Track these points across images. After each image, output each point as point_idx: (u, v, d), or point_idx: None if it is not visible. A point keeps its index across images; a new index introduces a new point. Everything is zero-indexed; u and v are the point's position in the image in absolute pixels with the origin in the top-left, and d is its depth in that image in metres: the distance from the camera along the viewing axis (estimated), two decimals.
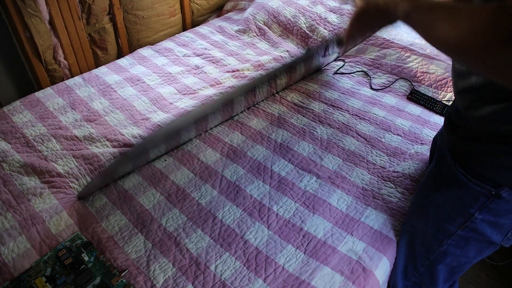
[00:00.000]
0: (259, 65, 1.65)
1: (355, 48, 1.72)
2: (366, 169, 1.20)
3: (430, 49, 1.57)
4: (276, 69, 1.14)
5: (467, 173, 0.76)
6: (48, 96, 1.44)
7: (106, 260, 0.92)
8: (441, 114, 1.43)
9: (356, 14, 0.73)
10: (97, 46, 1.71)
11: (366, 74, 1.62)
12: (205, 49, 1.78)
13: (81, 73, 1.63)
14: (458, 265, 0.93)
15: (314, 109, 1.43)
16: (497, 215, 0.76)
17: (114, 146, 1.24)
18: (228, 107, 1.25)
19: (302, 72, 1.46)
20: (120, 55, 1.81)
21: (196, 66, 1.65)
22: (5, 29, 1.42)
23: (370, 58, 1.66)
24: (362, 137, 1.31)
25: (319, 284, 0.89)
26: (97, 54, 1.73)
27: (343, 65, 1.67)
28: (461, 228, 0.82)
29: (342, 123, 1.37)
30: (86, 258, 0.91)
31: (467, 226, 0.81)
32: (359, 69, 1.64)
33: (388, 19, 0.69)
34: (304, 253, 0.97)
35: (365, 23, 0.73)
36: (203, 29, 1.94)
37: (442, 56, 1.53)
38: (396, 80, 1.57)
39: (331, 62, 1.64)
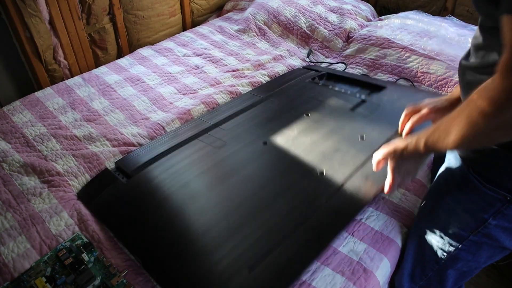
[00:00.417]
0: (259, 64, 1.65)
1: (356, 48, 1.72)
2: None
3: (430, 49, 1.57)
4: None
5: (481, 178, 0.75)
6: (48, 96, 1.44)
7: (106, 260, 0.91)
8: None
9: (393, 168, 0.77)
10: (97, 46, 1.71)
11: (366, 75, 1.62)
12: (205, 49, 1.77)
13: (81, 73, 1.63)
14: (468, 270, 0.91)
15: None
16: None
17: (113, 146, 1.24)
18: None
19: None
20: (120, 55, 1.81)
21: (196, 66, 1.65)
22: (5, 29, 1.42)
23: (370, 58, 1.66)
24: None
25: (320, 285, 0.89)
26: (97, 54, 1.72)
27: (345, 67, 1.67)
28: (474, 234, 0.80)
29: None
30: (86, 258, 0.90)
31: (480, 232, 0.79)
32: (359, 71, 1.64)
33: (420, 157, 0.75)
34: None
35: (403, 171, 0.78)
36: (203, 29, 1.94)
37: (443, 56, 1.53)
38: (397, 80, 1.57)
39: None
